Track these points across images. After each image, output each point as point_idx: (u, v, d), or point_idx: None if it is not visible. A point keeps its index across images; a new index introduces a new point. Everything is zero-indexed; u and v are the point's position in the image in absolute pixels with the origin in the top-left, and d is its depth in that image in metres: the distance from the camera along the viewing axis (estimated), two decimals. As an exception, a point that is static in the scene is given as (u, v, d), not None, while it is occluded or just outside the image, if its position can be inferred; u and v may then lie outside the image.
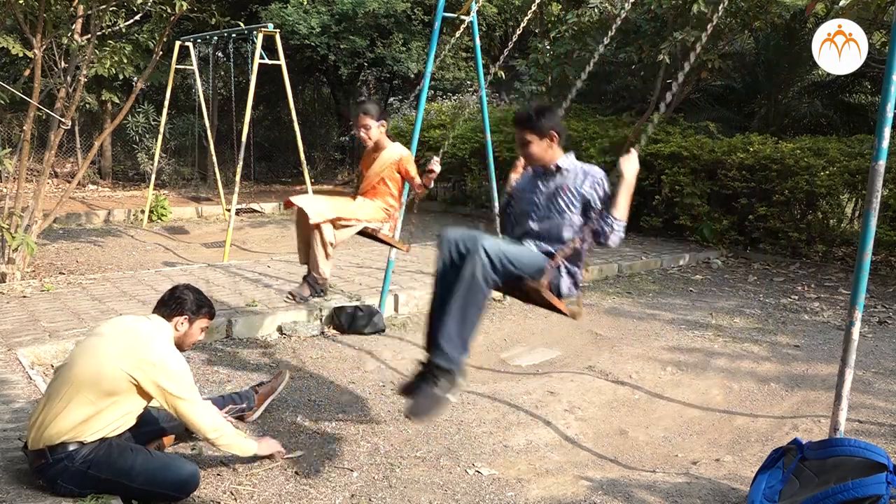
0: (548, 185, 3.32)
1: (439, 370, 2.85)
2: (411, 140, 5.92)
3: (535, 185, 3.38)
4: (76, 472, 2.81)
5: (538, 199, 3.32)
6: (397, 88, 18.33)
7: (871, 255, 3.14)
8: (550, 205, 3.27)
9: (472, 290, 2.84)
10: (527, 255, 3.09)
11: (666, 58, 8.79)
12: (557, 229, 3.24)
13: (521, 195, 3.45)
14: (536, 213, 3.31)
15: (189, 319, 3.12)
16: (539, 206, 3.31)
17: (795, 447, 3.08)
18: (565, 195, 3.24)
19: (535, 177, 3.43)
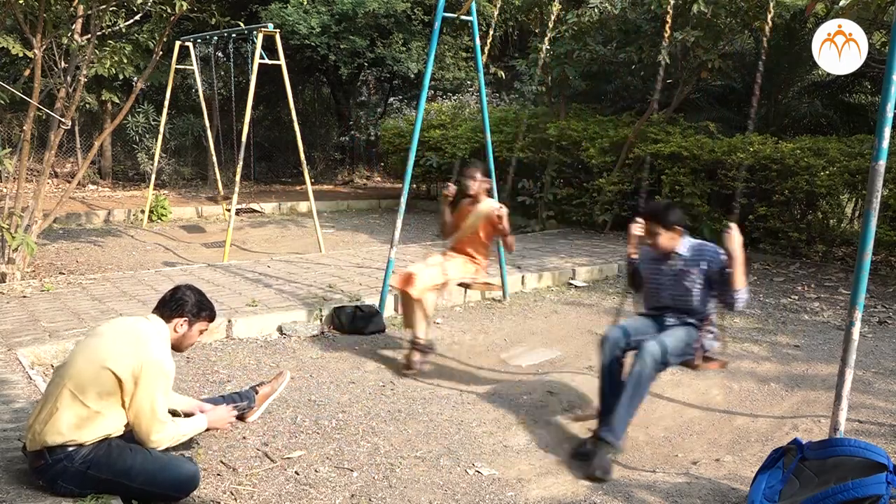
0: (672, 268, 3.88)
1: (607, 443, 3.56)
2: (411, 140, 5.93)
3: (659, 266, 3.94)
4: (76, 473, 2.81)
5: (666, 280, 3.90)
6: (397, 88, 18.32)
7: (871, 255, 3.14)
8: (678, 284, 3.85)
9: (640, 386, 3.60)
10: (680, 340, 3.73)
11: (666, 58, 8.78)
12: (689, 304, 3.85)
13: (648, 271, 4.01)
14: (666, 291, 3.91)
15: (189, 322, 3.11)
16: (668, 285, 3.90)
17: (795, 447, 3.08)
18: (689, 277, 3.81)
19: (655, 259, 3.96)
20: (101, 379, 2.80)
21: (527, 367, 5.05)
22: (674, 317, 3.88)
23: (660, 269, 3.92)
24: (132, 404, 2.85)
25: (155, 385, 2.85)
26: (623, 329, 3.84)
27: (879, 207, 3.16)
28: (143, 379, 2.82)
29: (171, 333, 3.08)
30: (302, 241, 9.93)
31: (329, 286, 6.43)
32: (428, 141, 12.63)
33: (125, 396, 2.84)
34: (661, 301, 3.94)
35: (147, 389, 2.83)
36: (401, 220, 5.94)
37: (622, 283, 7.40)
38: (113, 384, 2.81)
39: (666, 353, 3.61)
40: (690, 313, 3.85)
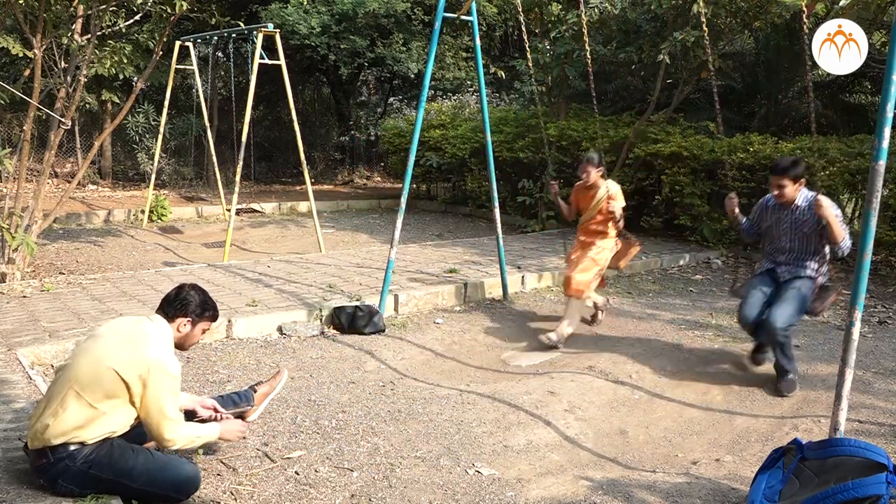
0: (793, 217, 4.56)
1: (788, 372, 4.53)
2: (411, 140, 5.93)
3: (778, 216, 4.63)
4: (77, 472, 2.81)
5: (785, 228, 4.60)
6: (397, 88, 18.33)
7: (871, 255, 3.14)
8: (797, 231, 4.55)
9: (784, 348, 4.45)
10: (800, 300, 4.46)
11: (666, 58, 8.79)
12: (806, 248, 4.58)
13: (767, 221, 4.73)
14: (786, 238, 4.61)
15: (192, 322, 3.11)
16: (788, 232, 4.59)
17: (795, 447, 3.08)
18: (807, 226, 4.50)
19: (774, 209, 4.66)
20: (106, 380, 2.80)
21: (527, 367, 5.05)
22: (789, 268, 4.59)
23: (779, 218, 4.60)
24: (142, 406, 2.86)
25: (162, 386, 2.85)
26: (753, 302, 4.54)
27: (879, 207, 3.16)
28: (151, 381, 2.83)
29: (175, 333, 3.08)
30: (302, 241, 9.94)
31: (329, 286, 6.43)
32: (428, 141, 12.63)
33: (134, 399, 2.85)
34: (781, 246, 4.62)
35: (155, 391, 2.83)
36: (401, 220, 5.94)
37: (622, 283, 7.40)
38: (119, 385, 2.81)
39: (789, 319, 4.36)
40: (805, 257, 4.55)
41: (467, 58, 15.56)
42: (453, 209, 13.01)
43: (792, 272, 4.58)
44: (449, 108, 14.69)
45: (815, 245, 4.53)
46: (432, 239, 9.92)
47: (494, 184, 6.63)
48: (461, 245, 8.91)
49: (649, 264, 8.06)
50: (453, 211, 12.96)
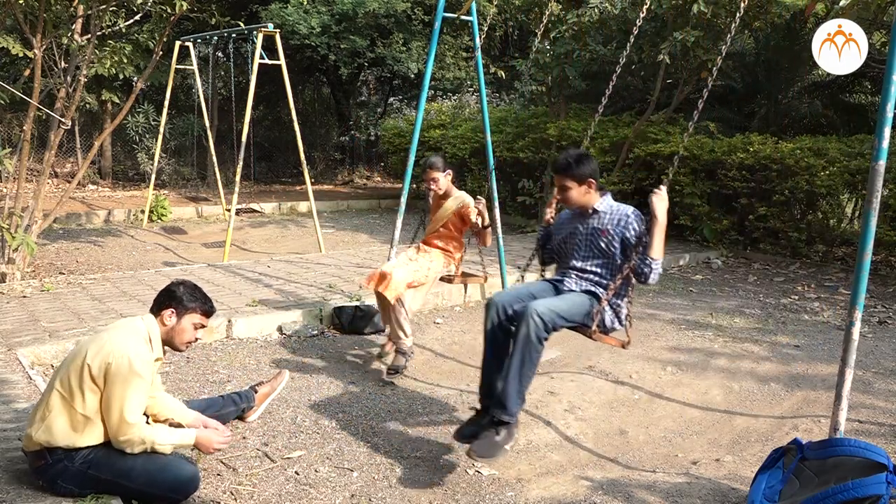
0: (587, 227, 3.56)
1: (500, 423, 3.21)
2: (411, 140, 5.92)
3: (574, 225, 3.62)
4: (76, 473, 2.81)
5: (579, 240, 3.58)
6: (397, 88, 18.32)
7: (871, 255, 3.14)
8: (591, 245, 3.53)
9: (529, 352, 3.18)
10: (576, 305, 3.37)
11: (666, 58, 8.78)
12: (599, 268, 3.51)
13: (561, 233, 3.70)
14: (578, 253, 3.57)
15: (176, 312, 3.00)
16: (580, 246, 3.57)
17: (795, 447, 3.08)
18: (605, 237, 3.49)
19: (573, 217, 3.66)
20: (80, 376, 2.77)
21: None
22: (576, 280, 3.52)
23: (575, 230, 3.60)
24: (104, 402, 2.79)
25: (123, 382, 2.77)
26: (515, 292, 3.48)
27: (879, 207, 3.16)
28: (112, 375, 2.76)
29: (161, 327, 3.01)
30: (302, 241, 9.94)
31: (329, 286, 6.43)
32: (428, 141, 12.63)
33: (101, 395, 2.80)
34: (570, 262, 3.59)
35: (115, 386, 2.76)
36: (401, 220, 5.93)
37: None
38: (89, 381, 2.77)
39: (554, 314, 3.21)
40: (597, 278, 3.49)
41: (467, 58, 15.55)
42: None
43: (580, 285, 3.51)
44: (449, 108, 14.68)
45: (613, 266, 3.47)
46: (432, 239, 9.91)
47: (494, 184, 6.62)
48: (461, 245, 8.90)
49: (649, 264, 8.06)
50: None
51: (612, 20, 9.80)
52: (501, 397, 3.20)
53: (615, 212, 3.53)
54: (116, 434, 2.81)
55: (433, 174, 4.97)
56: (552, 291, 3.55)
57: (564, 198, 3.53)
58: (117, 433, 2.81)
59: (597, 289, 3.47)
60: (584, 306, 3.39)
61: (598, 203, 3.56)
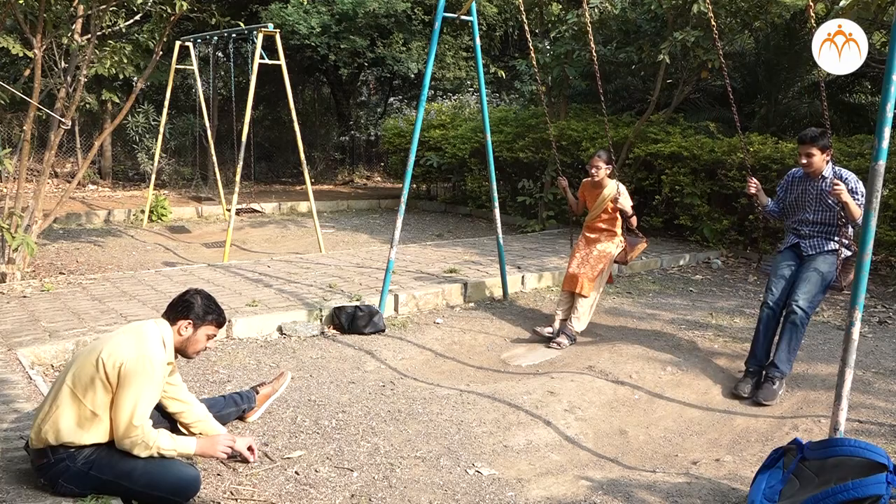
0: (816, 188, 4.60)
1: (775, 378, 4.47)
2: (411, 140, 5.93)
3: (804, 186, 4.68)
4: (77, 473, 2.81)
5: (810, 198, 4.65)
6: (397, 88, 18.33)
7: (871, 255, 3.14)
8: (821, 201, 4.59)
9: (796, 333, 4.47)
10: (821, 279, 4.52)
11: (666, 58, 8.79)
12: (829, 219, 4.60)
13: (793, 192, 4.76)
14: (811, 207, 4.65)
15: (193, 324, 3.08)
16: (811, 202, 4.64)
17: (795, 447, 3.08)
18: (831, 197, 4.43)
19: (800, 180, 4.71)
20: (93, 375, 2.78)
21: (527, 367, 5.05)
22: (812, 242, 4.63)
23: (805, 188, 4.64)
24: (115, 401, 2.81)
25: (136, 383, 2.79)
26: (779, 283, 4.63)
27: (879, 207, 3.16)
28: (126, 375, 2.78)
29: (175, 336, 3.06)
30: (302, 241, 9.94)
31: (329, 286, 6.44)
32: (428, 141, 12.63)
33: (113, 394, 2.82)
34: (805, 218, 4.66)
35: (127, 387, 2.78)
36: (401, 220, 5.94)
37: (622, 283, 7.41)
38: (102, 377, 2.78)
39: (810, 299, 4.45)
40: (830, 230, 4.58)
41: (467, 58, 15.56)
42: (453, 209, 13.01)
43: (816, 246, 4.62)
44: (449, 108, 14.68)
45: (839, 218, 4.52)
46: (432, 239, 9.92)
47: (494, 184, 6.63)
48: (461, 245, 8.91)
49: (649, 264, 8.06)
50: (453, 211, 12.96)
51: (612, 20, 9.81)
52: (777, 362, 4.44)
53: (837, 175, 4.45)
54: (123, 435, 2.82)
55: (598, 161, 5.62)
56: (795, 258, 4.71)
57: (809, 163, 4.52)
58: (124, 434, 2.82)
59: (831, 239, 4.60)
60: (825, 274, 4.50)
61: (825, 170, 4.56)
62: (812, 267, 4.54)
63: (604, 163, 5.62)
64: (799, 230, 4.73)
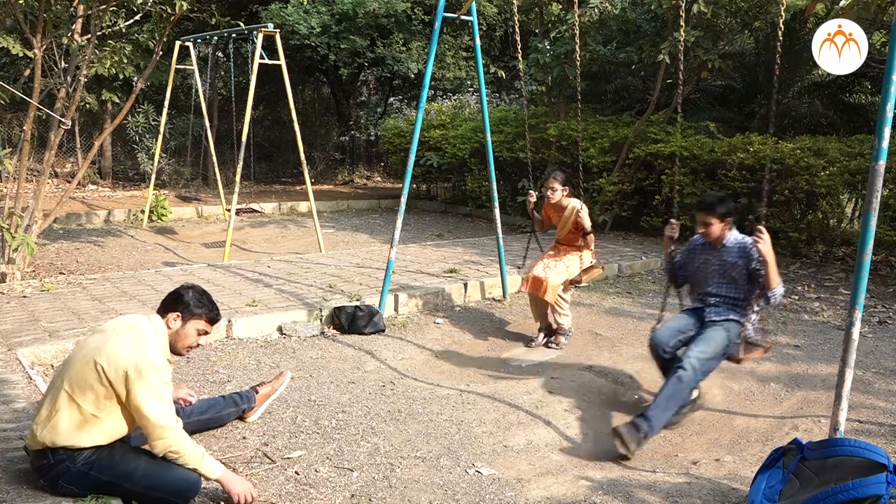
0: (721, 259, 4.13)
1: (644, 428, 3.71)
2: (411, 140, 5.93)
3: (705, 256, 4.22)
4: (77, 473, 2.80)
5: (713, 270, 4.17)
6: (397, 88, 18.33)
7: (871, 255, 3.14)
8: (724, 274, 4.12)
9: (679, 392, 3.83)
10: (720, 343, 3.95)
11: (666, 58, 8.78)
12: (734, 292, 4.11)
13: (694, 262, 4.29)
14: (713, 280, 4.17)
15: (182, 317, 3.01)
16: (714, 275, 4.16)
17: (795, 447, 3.08)
18: (735, 269, 4.06)
19: (703, 248, 4.24)
20: (92, 377, 2.76)
21: (527, 367, 5.05)
22: (717, 310, 4.12)
23: (707, 259, 4.19)
24: (133, 409, 2.80)
25: (150, 387, 2.77)
26: (669, 332, 4.12)
27: (879, 207, 3.16)
28: (137, 382, 2.76)
29: (167, 329, 3.01)
30: (302, 241, 9.94)
31: (329, 286, 6.43)
32: (428, 141, 12.63)
33: (122, 400, 2.80)
34: (706, 288, 4.19)
35: (143, 392, 2.77)
36: (401, 220, 5.94)
37: (622, 283, 7.41)
38: (104, 383, 2.76)
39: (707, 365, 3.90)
40: (734, 304, 4.10)
41: (467, 58, 15.55)
42: (453, 209, 13.01)
43: (721, 314, 4.11)
44: (449, 108, 14.68)
45: (745, 292, 4.06)
46: (432, 239, 9.91)
47: (494, 184, 6.63)
48: (461, 245, 8.91)
49: (649, 264, 8.06)
50: (453, 211, 12.96)
51: (612, 20, 9.81)
52: (648, 414, 3.75)
53: (740, 244, 4.07)
54: (153, 436, 2.80)
55: (553, 184, 5.45)
56: (696, 321, 4.15)
57: (707, 232, 4.10)
58: (154, 436, 2.80)
59: (734, 314, 4.07)
60: (727, 339, 3.97)
61: (726, 238, 4.12)
62: (713, 327, 4.02)
63: (559, 184, 5.43)
64: (704, 300, 4.23)
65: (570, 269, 5.44)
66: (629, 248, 8.74)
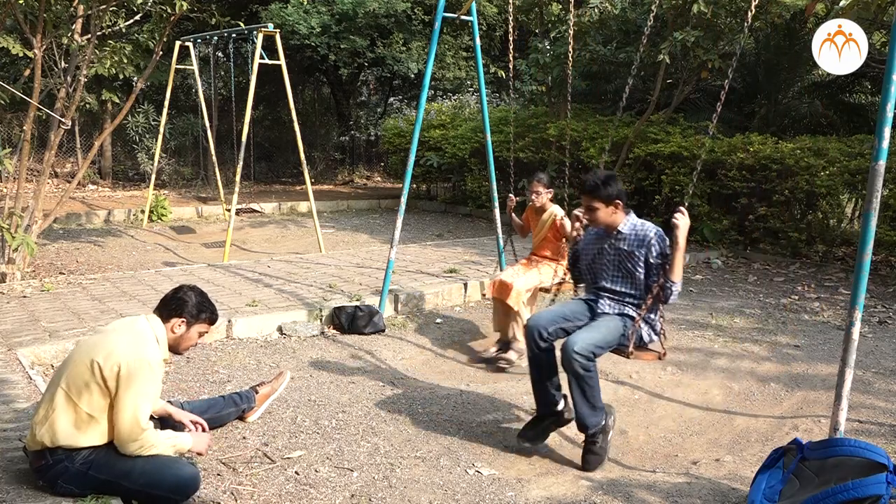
0: (613, 248, 3.67)
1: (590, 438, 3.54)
2: (411, 140, 5.93)
3: (601, 246, 3.73)
4: (76, 473, 2.80)
5: (607, 261, 3.70)
6: (397, 88, 18.33)
7: (871, 255, 3.14)
8: (619, 266, 3.66)
9: (586, 381, 3.43)
10: (611, 331, 3.54)
11: (666, 58, 8.79)
12: (629, 288, 3.65)
13: (588, 254, 3.81)
14: (607, 273, 3.70)
15: (187, 323, 3.04)
16: (608, 267, 3.70)
17: (795, 447, 3.08)
18: (630, 260, 3.61)
19: (599, 237, 3.76)
20: (89, 377, 2.76)
21: (527, 367, 5.04)
22: (609, 303, 3.66)
23: (602, 249, 3.71)
24: (115, 405, 2.79)
25: (137, 386, 2.77)
26: (550, 315, 3.64)
27: (879, 207, 3.16)
28: (127, 380, 2.76)
29: (169, 334, 3.02)
30: (302, 241, 9.94)
31: (329, 286, 6.43)
32: (428, 141, 12.63)
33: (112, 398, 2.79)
34: (600, 282, 3.71)
35: (131, 391, 2.76)
36: (401, 220, 5.94)
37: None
38: (100, 383, 2.76)
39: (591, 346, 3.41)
40: (628, 298, 3.64)
41: (467, 58, 15.55)
42: (453, 209, 13.01)
43: (613, 308, 3.66)
44: (449, 108, 14.68)
45: (641, 284, 3.61)
46: (432, 239, 9.92)
47: (494, 184, 6.63)
48: (461, 245, 8.91)
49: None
50: (453, 211, 12.96)
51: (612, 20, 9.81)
52: (581, 420, 3.49)
53: (638, 232, 3.61)
54: (127, 438, 2.80)
55: (538, 187, 5.26)
56: (587, 312, 3.71)
57: (592, 218, 3.65)
58: (128, 437, 2.80)
59: (630, 309, 3.64)
60: (618, 330, 3.57)
61: (622, 224, 3.65)
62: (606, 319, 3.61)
63: (543, 187, 5.26)
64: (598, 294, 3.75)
65: (543, 277, 5.24)
66: (629, 248, 8.74)
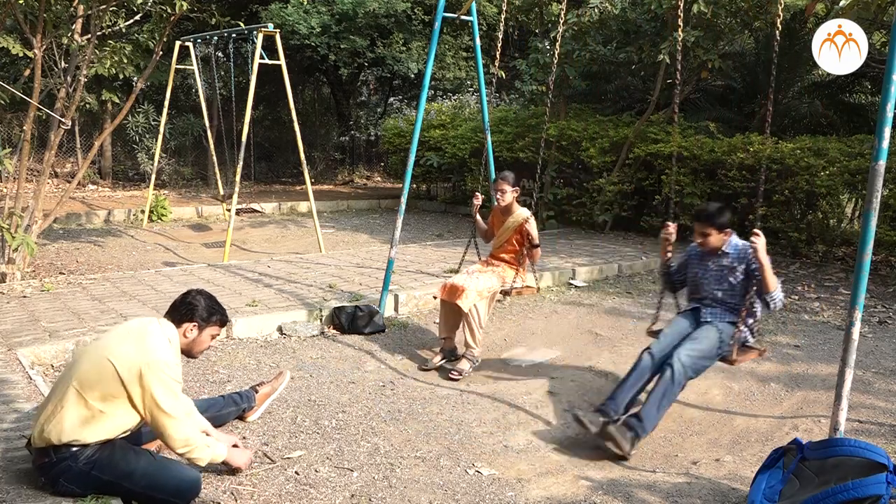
0: (719, 264, 4.14)
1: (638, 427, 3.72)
2: (411, 140, 5.93)
3: (705, 263, 4.21)
4: (79, 473, 2.81)
5: (711, 275, 4.16)
6: (397, 88, 18.33)
7: (871, 255, 3.14)
8: (722, 279, 4.12)
9: (671, 390, 3.82)
10: (713, 343, 3.95)
11: (666, 58, 8.78)
12: (731, 297, 4.09)
13: (693, 268, 4.29)
14: (711, 286, 4.16)
15: (199, 326, 3.08)
16: (712, 280, 4.15)
17: (795, 447, 3.08)
18: (734, 275, 4.07)
19: (703, 255, 4.22)
20: (105, 376, 2.79)
21: (527, 368, 5.05)
22: (713, 311, 4.12)
23: (706, 266, 4.18)
24: (145, 409, 2.84)
25: (161, 385, 2.82)
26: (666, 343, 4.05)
27: (879, 207, 3.17)
28: (148, 382, 2.80)
29: (181, 339, 3.06)
30: (302, 241, 9.94)
31: (329, 286, 6.43)
32: (428, 141, 12.63)
33: (134, 400, 2.82)
34: (702, 293, 4.19)
35: (154, 392, 2.80)
36: (401, 220, 5.94)
37: (622, 283, 7.40)
38: (116, 383, 2.79)
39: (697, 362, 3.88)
40: (731, 307, 4.07)
41: (467, 58, 15.55)
42: (453, 209, 13.00)
43: (717, 315, 4.12)
44: (449, 108, 14.68)
45: (742, 298, 4.02)
46: (432, 239, 9.91)
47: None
48: (461, 245, 8.88)
49: (649, 264, 8.06)
50: (453, 211, 12.96)
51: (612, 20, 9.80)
52: (641, 416, 3.75)
53: (740, 251, 4.06)
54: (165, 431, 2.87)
55: (503, 185, 5.07)
56: (692, 322, 4.15)
57: (704, 242, 4.10)
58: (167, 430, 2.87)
59: (732, 315, 4.06)
60: (718, 340, 3.96)
61: (725, 245, 4.12)
62: (707, 329, 4.02)
63: (509, 185, 5.04)
64: (701, 302, 4.23)
65: (504, 279, 5.02)
66: (629, 248, 8.74)
